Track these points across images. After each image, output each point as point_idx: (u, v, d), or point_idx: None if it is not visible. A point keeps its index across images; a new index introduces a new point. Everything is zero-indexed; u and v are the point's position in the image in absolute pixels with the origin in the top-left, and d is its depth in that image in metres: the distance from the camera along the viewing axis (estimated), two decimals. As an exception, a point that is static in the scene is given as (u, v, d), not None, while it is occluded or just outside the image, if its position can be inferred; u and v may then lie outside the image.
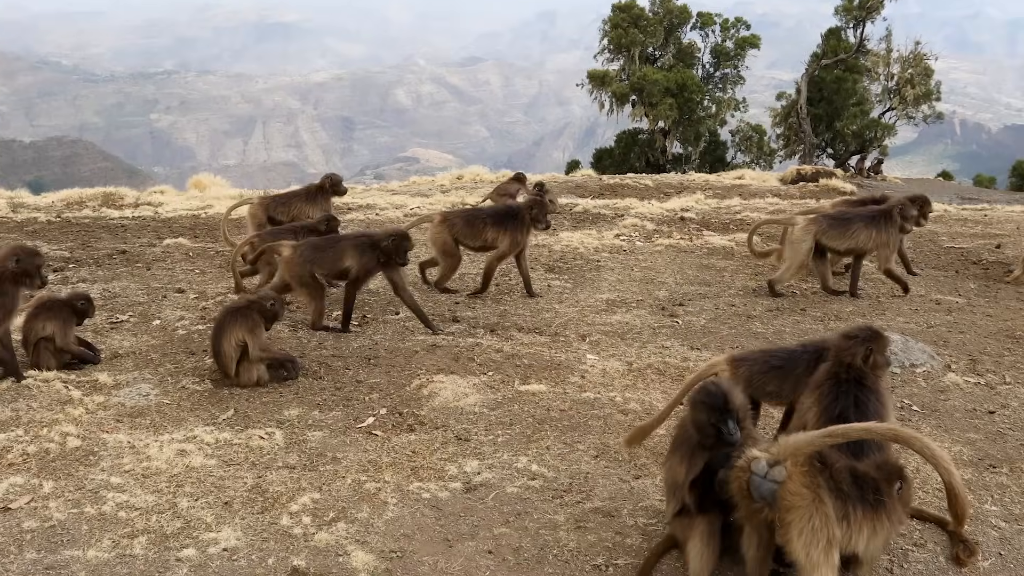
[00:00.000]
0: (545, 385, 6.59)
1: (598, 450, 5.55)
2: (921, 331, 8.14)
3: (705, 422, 4.06)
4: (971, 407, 6.32)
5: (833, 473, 3.80)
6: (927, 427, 5.94)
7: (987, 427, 5.97)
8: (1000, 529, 4.63)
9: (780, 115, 39.48)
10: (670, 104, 37.32)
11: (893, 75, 37.84)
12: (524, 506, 4.85)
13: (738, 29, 41.10)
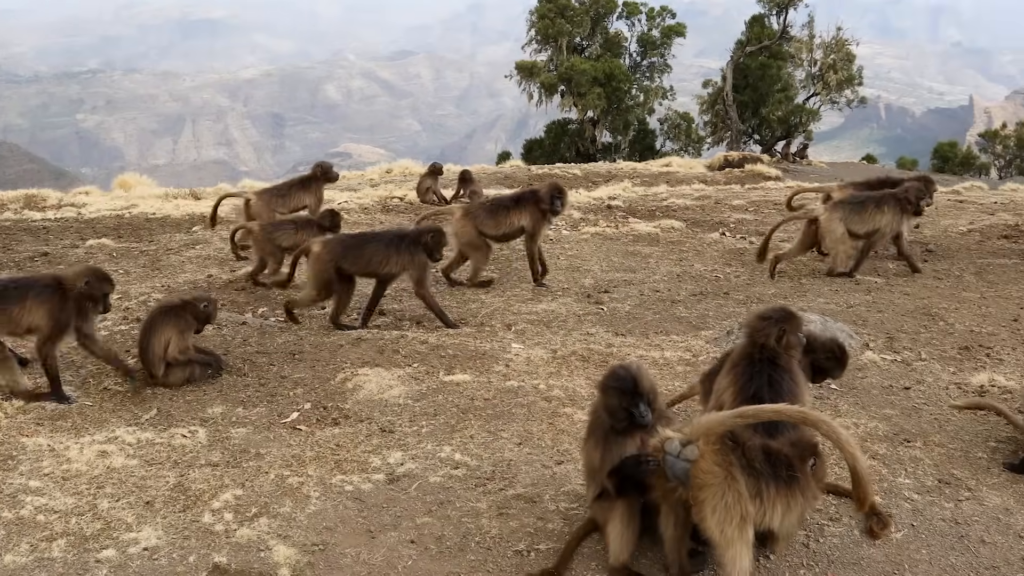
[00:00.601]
0: (470, 375, 6.61)
1: (521, 437, 5.58)
2: (841, 311, 8.31)
3: (617, 406, 4.11)
4: (887, 384, 6.48)
5: (746, 451, 3.86)
6: (845, 404, 6.08)
7: (903, 403, 6.13)
8: (913, 501, 4.76)
9: (707, 102, 39.98)
10: (598, 94, 37.55)
11: (816, 61, 38.56)
12: (447, 495, 4.87)
13: (664, 18, 41.44)
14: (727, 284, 9.46)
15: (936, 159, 40.93)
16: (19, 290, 6.24)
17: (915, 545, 4.36)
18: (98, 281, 6.43)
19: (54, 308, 6.24)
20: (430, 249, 7.89)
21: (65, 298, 6.28)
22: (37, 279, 6.46)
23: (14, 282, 6.42)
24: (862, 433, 5.57)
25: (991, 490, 4.89)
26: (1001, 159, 40.37)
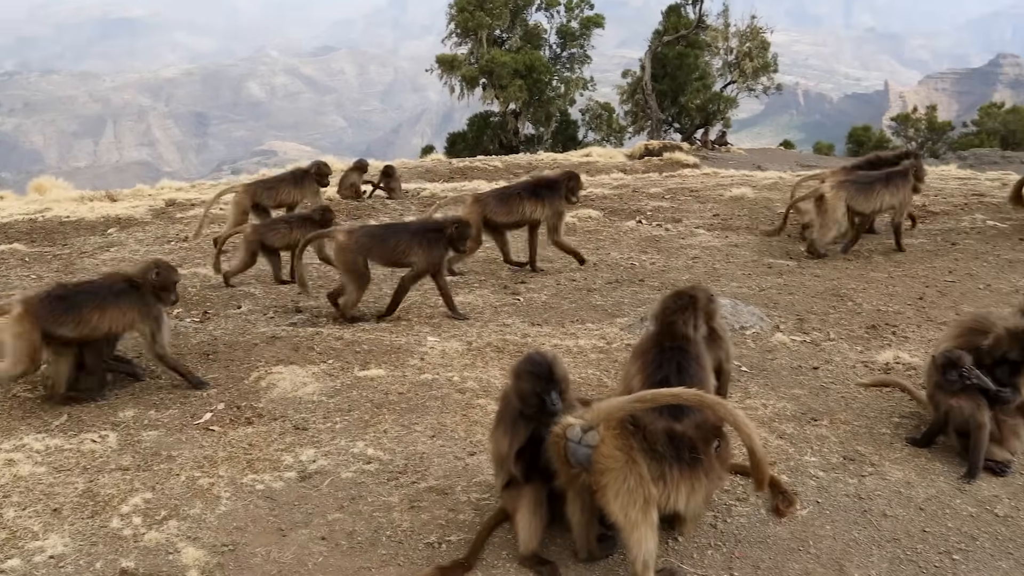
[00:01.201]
0: (384, 369, 6.56)
1: (435, 430, 5.55)
2: (753, 294, 8.45)
3: (529, 391, 4.10)
4: (797, 364, 6.60)
5: (647, 435, 3.88)
6: (755, 386, 6.17)
7: (811, 383, 6.24)
8: (818, 478, 4.85)
9: (627, 92, 40.32)
10: (520, 86, 37.59)
11: (732, 49, 39.14)
12: (359, 490, 4.82)
13: (582, 9, 41.62)
14: (642, 271, 9.54)
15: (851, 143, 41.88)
16: (91, 295, 6.21)
17: (820, 521, 4.44)
18: (166, 271, 6.46)
19: (143, 309, 6.32)
20: (454, 240, 7.90)
21: (145, 294, 6.34)
22: (107, 282, 6.39)
23: (84, 287, 6.33)
24: (770, 413, 5.66)
25: (894, 465, 5.01)
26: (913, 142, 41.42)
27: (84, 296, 6.18)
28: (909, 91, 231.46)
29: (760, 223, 11.98)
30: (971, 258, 9.83)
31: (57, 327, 6.07)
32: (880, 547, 4.24)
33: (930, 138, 41.43)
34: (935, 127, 41.76)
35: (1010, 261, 9.73)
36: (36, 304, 6.06)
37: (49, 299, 6.11)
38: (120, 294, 6.25)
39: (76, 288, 6.29)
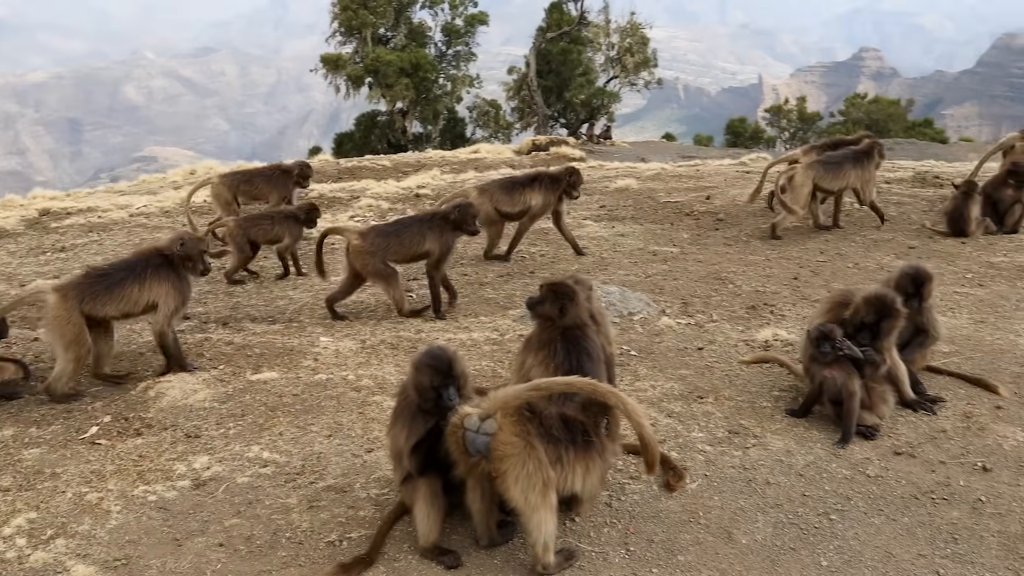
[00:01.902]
0: (278, 372, 6.52)
1: (331, 430, 5.56)
2: (640, 281, 8.68)
3: (427, 386, 4.16)
4: (682, 346, 6.82)
5: (543, 420, 3.99)
6: (643, 368, 6.35)
7: (696, 363, 6.47)
8: (706, 453, 5.05)
9: (513, 89, 40.61)
10: (406, 84, 37.50)
11: (614, 45, 39.82)
12: (256, 494, 4.80)
13: (466, 6, 41.75)
14: (533, 264, 9.68)
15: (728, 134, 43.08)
16: (129, 271, 6.40)
17: (708, 493, 4.64)
18: (192, 241, 6.59)
19: (175, 281, 6.52)
20: (459, 223, 7.99)
21: (177, 269, 6.52)
22: (141, 257, 6.56)
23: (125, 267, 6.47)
24: (659, 394, 5.85)
25: (775, 435, 5.26)
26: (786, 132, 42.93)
27: (122, 273, 6.36)
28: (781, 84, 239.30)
29: (645, 213, 12.27)
30: (840, 239, 10.33)
31: (100, 307, 6.27)
32: (765, 513, 4.46)
33: (801, 128, 42.99)
34: (805, 117, 43.35)
35: (875, 241, 10.26)
36: (73, 288, 6.23)
37: (86, 281, 6.28)
38: (158, 267, 6.46)
39: (111, 267, 6.46)
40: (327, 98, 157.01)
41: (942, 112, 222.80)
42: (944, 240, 10.23)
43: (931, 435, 5.30)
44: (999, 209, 10.52)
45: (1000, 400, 5.75)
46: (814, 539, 4.28)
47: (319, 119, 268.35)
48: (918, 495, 4.66)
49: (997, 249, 9.79)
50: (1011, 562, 4.15)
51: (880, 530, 4.35)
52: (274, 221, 9.37)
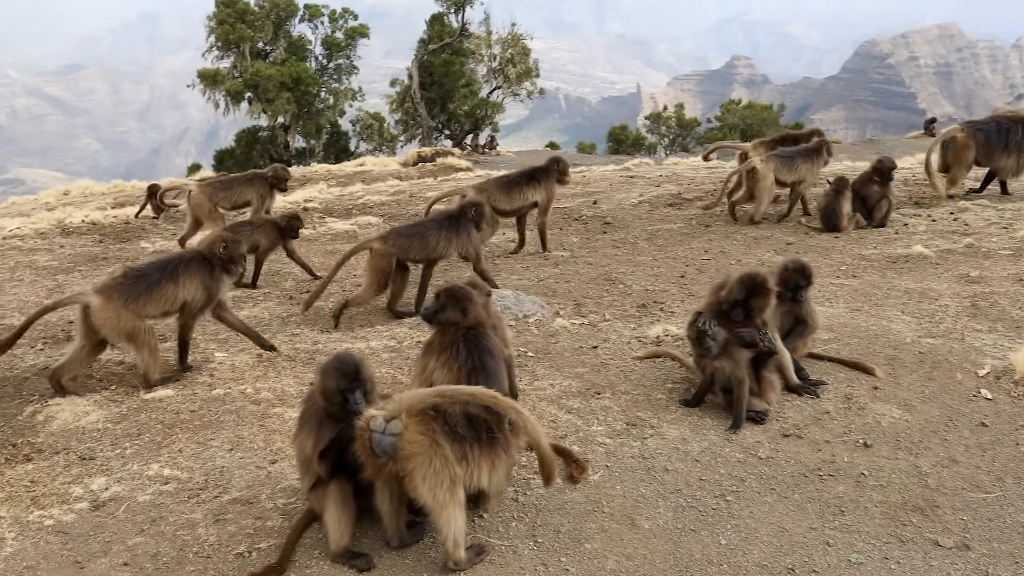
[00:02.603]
0: (172, 389, 6.42)
1: (233, 443, 5.51)
2: (533, 285, 8.84)
3: (334, 390, 4.19)
4: (578, 345, 6.99)
5: (447, 419, 4.07)
6: (541, 368, 6.49)
7: (592, 361, 6.64)
8: (606, 445, 5.21)
9: (396, 101, 40.59)
10: (287, 98, 37.09)
11: (496, 56, 40.19)
12: (159, 512, 4.73)
13: (346, 20, 41.55)
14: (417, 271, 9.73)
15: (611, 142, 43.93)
16: (163, 270, 6.62)
17: (611, 482, 4.79)
18: (234, 244, 6.86)
19: (205, 278, 6.72)
20: (475, 220, 8.38)
21: (212, 268, 6.76)
22: (182, 256, 6.91)
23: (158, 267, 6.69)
24: (558, 392, 5.99)
25: (671, 425, 5.46)
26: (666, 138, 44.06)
27: (158, 273, 6.59)
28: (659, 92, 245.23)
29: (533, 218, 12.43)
30: (723, 238, 10.73)
31: (143, 308, 6.48)
32: (665, 498, 4.63)
33: (680, 134, 44.17)
34: (683, 124, 44.56)
35: (755, 238, 10.69)
36: (116, 290, 6.42)
37: (127, 283, 6.48)
38: (190, 264, 6.72)
39: (148, 268, 6.68)
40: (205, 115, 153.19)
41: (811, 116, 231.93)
42: (819, 235, 10.72)
43: (816, 417, 5.59)
44: (867, 204, 11.09)
45: (877, 381, 6.09)
46: (712, 520, 4.47)
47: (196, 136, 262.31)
48: (806, 473, 4.91)
49: (868, 242, 10.31)
50: (893, 529, 4.42)
51: (773, 507, 4.57)
52: (254, 228, 9.40)
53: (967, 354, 6.60)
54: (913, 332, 7.09)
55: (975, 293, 8.11)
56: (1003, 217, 11.27)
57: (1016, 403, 5.85)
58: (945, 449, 5.24)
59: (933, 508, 4.62)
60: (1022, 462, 5.12)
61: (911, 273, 8.96)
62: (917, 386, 6.06)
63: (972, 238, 10.19)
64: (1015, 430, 5.50)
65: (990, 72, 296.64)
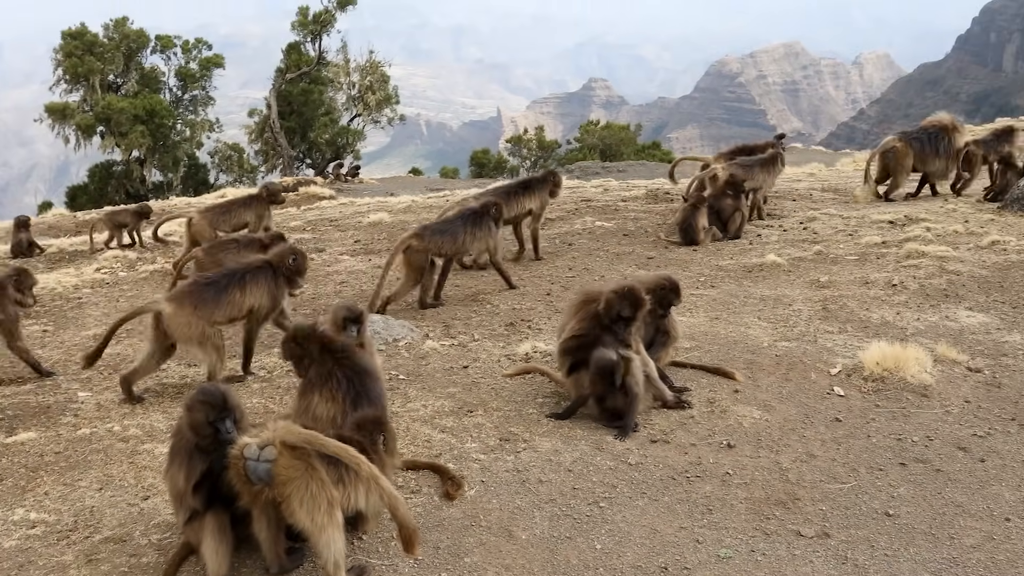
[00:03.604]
0: (35, 432, 6.21)
1: (102, 482, 5.38)
2: (401, 309, 8.91)
3: (203, 422, 4.17)
4: (449, 366, 7.09)
5: (322, 442, 4.10)
6: (413, 391, 6.55)
7: (463, 380, 6.75)
8: (480, 461, 5.32)
9: (255, 132, 39.99)
10: (141, 132, 36.10)
11: (355, 84, 40.07)
12: (27, 556, 4.59)
13: (200, 50, 40.75)
14: (293, 302, 9.67)
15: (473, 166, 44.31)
16: (231, 277, 6.96)
17: (487, 497, 4.90)
18: (302, 257, 7.28)
19: (271, 286, 7.08)
20: (495, 219, 9.32)
21: (277, 277, 7.09)
22: (249, 264, 7.18)
23: (226, 274, 7.02)
24: (431, 412, 6.07)
25: (543, 438, 5.61)
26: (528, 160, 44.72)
27: (226, 280, 6.91)
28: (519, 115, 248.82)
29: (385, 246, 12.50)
30: (586, 255, 11.04)
31: (211, 314, 6.78)
32: (540, 509, 4.77)
33: (541, 156, 44.90)
34: (544, 146, 45.34)
35: (617, 254, 11.05)
36: (187, 297, 6.76)
37: (196, 290, 6.81)
38: (256, 272, 7.04)
39: (217, 276, 7.02)
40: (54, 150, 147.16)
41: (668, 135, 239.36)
42: (678, 249, 11.15)
43: (681, 422, 5.84)
44: (722, 218, 11.61)
45: (737, 385, 6.40)
46: (587, 526, 4.63)
47: (45, 173, 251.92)
48: (675, 476, 5.13)
49: (724, 254, 10.78)
50: (758, 523, 4.67)
51: (644, 511, 4.77)
52: (240, 246, 9.53)
53: (820, 355, 7.00)
54: (769, 337, 7.47)
55: (825, 297, 8.59)
56: (848, 225, 11.96)
57: (866, 398, 6.24)
58: (803, 445, 5.55)
59: (794, 501, 4.90)
60: (874, 453, 5.48)
61: (766, 281, 9.43)
62: (775, 387, 6.40)
63: (821, 246, 10.79)
64: (866, 423, 5.87)
65: (833, 88, 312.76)
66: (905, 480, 5.16)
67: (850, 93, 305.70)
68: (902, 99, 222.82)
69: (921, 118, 15.88)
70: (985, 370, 6.77)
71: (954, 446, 5.60)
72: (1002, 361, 6.97)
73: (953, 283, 8.89)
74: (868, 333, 7.49)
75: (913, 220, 11.83)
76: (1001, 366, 6.87)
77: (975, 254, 9.87)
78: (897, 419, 5.95)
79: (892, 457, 5.44)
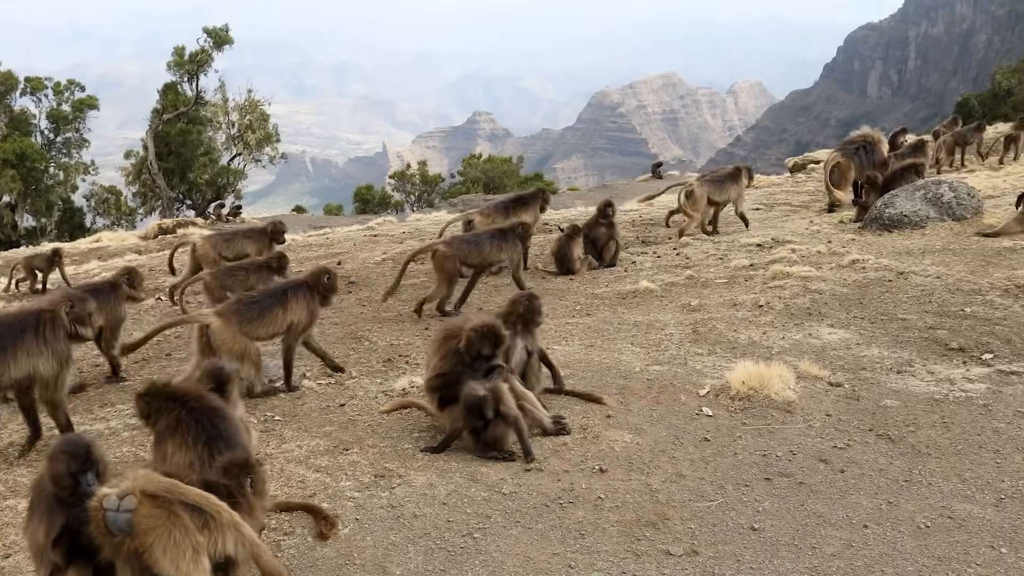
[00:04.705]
0: None
1: (-46, 546, 5.16)
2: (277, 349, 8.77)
3: (64, 473, 4.05)
4: (325, 405, 7.05)
5: (185, 489, 4.03)
6: (289, 431, 6.48)
7: (340, 418, 6.71)
8: (355, 499, 5.30)
9: (133, 173, 39.01)
10: (12, 176, 34.79)
11: (234, 123, 39.51)
12: None
13: (72, 91, 39.61)
14: (168, 346, 9.49)
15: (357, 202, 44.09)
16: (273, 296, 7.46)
17: (361, 535, 4.88)
18: (334, 277, 7.79)
19: (310, 303, 7.57)
20: (523, 238, 10.18)
21: (313, 295, 7.57)
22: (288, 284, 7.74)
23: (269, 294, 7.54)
24: (306, 452, 6.02)
25: (418, 472, 5.63)
26: (412, 195, 44.76)
27: (269, 299, 7.39)
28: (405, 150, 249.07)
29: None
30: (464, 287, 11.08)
31: (255, 330, 7.27)
32: (415, 543, 4.78)
33: (425, 190, 45.01)
34: (427, 180, 45.47)
35: (496, 286, 11.22)
36: (233, 314, 7.21)
37: (242, 308, 7.27)
38: (297, 291, 7.51)
39: (260, 295, 7.52)
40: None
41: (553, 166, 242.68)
42: (555, 278, 11.35)
43: (555, 449, 5.94)
44: (597, 246, 11.87)
45: (609, 410, 6.55)
46: (461, 558, 4.66)
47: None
48: (548, 503, 5.21)
49: (599, 282, 11.02)
50: (629, 544, 4.78)
51: (518, 539, 4.83)
52: (248, 272, 9.79)
53: (690, 377, 7.22)
54: (641, 361, 7.66)
55: (696, 320, 8.86)
56: (719, 249, 12.38)
57: (733, 417, 6.47)
58: (673, 465, 5.71)
59: (664, 521, 5.03)
60: (740, 469, 5.68)
61: (639, 307, 9.67)
62: (646, 411, 6.56)
63: (692, 270, 11.13)
64: (733, 441, 6.08)
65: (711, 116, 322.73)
66: (770, 494, 5.36)
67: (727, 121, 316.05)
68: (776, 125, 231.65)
69: (795, 143, 18.07)
70: (845, 384, 7.09)
71: (816, 459, 5.85)
72: (861, 374, 7.31)
73: (816, 302, 9.29)
74: (736, 353, 7.76)
75: (780, 242, 12.32)
76: (860, 379, 7.20)
77: (837, 273, 10.33)
78: (762, 435, 6.17)
79: (758, 473, 5.64)
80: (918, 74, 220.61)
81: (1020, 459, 5.82)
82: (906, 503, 5.28)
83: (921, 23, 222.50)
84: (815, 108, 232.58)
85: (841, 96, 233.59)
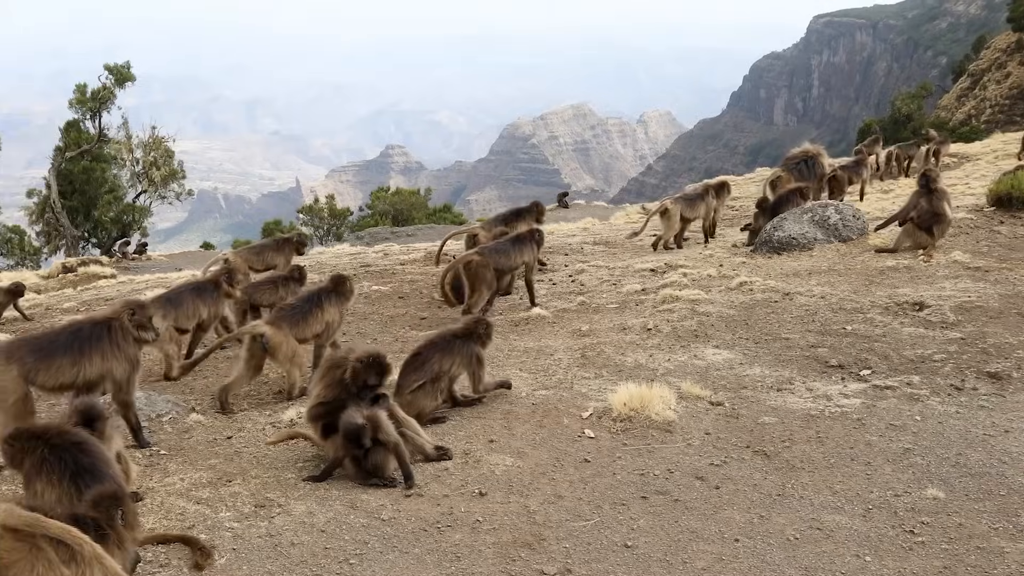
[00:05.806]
0: None
1: None
2: (169, 385, 8.74)
3: None
4: (212, 437, 7.03)
5: (51, 522, 4.03)
6: (174, 465, 6.45)
7: (226, 451, 6.71)
8: (233, 528, 5.32)
9: (36, 212, 38.07)
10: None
11: (139, 160, 38.89)
12: None
13: (-26, 131, 38.52)
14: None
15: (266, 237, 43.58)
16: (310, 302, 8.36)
17: (237, 564, 4.92)
18: (351, 281, 8.83)
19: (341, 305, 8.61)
20: (538, 243, 11.23)
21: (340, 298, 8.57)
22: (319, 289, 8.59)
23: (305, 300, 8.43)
24: (187, 485, 6.00)
25: (298, 501, 5.69)
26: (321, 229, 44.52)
27: (308, 305, 8.28)
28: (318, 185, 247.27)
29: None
30: (360, 319, 11.19)
31: (301, 333, 8.13)
32: (291, 571, 4.84)
33: (334, 224, 44.78)
34: (336, 214, 45.28)
35: (391, 317, 11.27)
36: (284, 321, 8.03)
37: (289, 315, 8.13)
38: (328, 295, 8.43)
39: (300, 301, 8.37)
40: None
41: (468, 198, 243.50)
42: (451, 308, 11.45)
43: (436, 474, 6.06)
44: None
45: (493, 435, 6.70)
46: (336, 585, 4.74)
47: None
48: (426, 527, 5.32)
49: (493, 310, 11.17)
50: (504, 565, 4.92)
51: (394, 564, 4.92)
52: (277, 285, 10.45)
53: (575, 400, 7.42)
54: (529, 386, 7.83)
55: (585, 345, 9.08)
56: (613, 275, 12.67)
57: (615, 438, 6.67)
58: (552, 487, 5.88)
59: (540, 541, 5.18)
60: (618, 489, 5.87)
61: (531, 333, 9.86)
62: (529, 434, 6.73)
63: (585, 296, 11.38)
64: (613, 461, 6.28)
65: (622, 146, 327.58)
66: (645, 512, 5.56)
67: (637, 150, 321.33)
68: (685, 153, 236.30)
69: (705, 171, 19.61)
70: (726, 403, 7.36)
71: (693, 476, 6.07)
72: (742, 393, 7.59)
73: (703, 324, 9.59)
74: (621, 376, 7.97)
75: (672, 267, 12.67)
76: (741, 398, 7.49)
77: (725, 295, 10.67)
78: (642, 455, 6.39)
79: (635, 492, 5.84)
80: (822, 101, 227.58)
81: (890, 470, 6.14)
82: (777, 516, 5.52)
83: (823, 52, 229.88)
84: (723, 136, 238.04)
85: (748, 124, 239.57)
